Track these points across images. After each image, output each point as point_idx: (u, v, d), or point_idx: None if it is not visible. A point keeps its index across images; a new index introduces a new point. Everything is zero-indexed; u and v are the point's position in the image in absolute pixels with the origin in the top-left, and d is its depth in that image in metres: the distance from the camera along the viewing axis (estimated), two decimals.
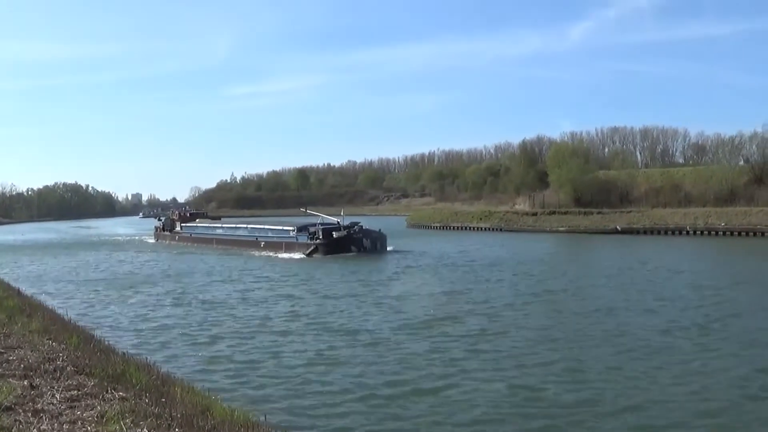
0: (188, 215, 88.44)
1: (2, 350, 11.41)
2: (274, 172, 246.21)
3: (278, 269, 44.90)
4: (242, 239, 66.81)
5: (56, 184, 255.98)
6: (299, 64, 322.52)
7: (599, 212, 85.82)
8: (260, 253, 59.20)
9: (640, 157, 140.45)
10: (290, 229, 60.77)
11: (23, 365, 10.19)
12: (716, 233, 69.58)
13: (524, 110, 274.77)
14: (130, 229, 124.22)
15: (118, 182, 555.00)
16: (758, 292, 31.09)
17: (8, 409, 7.79)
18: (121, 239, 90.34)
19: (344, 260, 49.81)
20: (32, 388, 8.87)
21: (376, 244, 56.27)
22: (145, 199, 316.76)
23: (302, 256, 54.62)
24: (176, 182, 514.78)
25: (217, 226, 78.35)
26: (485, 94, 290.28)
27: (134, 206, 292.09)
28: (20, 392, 8.53)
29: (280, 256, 56.10)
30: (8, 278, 36.29)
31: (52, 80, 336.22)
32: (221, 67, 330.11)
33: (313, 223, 59.92)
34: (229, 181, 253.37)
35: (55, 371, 10.02)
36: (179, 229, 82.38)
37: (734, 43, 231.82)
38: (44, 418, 7.53)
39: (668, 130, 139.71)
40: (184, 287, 35.79)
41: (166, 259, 56.46)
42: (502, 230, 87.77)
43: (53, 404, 8.17)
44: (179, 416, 8.39)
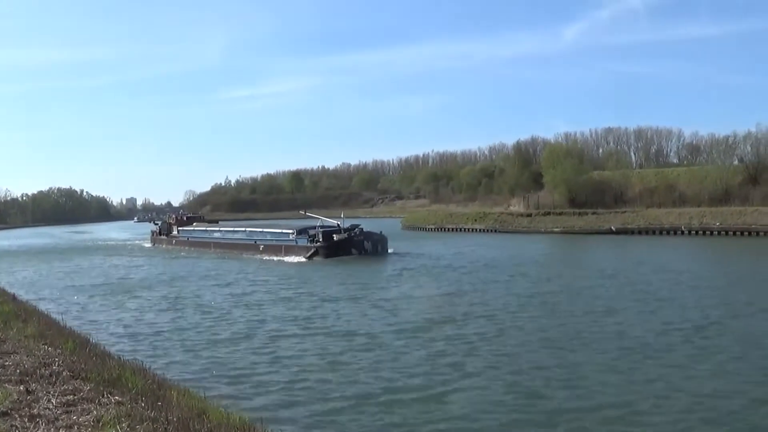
0: (185, 219, 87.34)
1: None
2: (268, 175, 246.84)
3: (278, 273, 44.63)
4: (240, 243, 66.31)
5: (51, 189, 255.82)
6: (293, 66, 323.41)
7: (594, 213, 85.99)
8: (259, 256, 58.84)
9: (634, 157, 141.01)
10: (290, 232, 60.34)
11: (19, 370, 10.19)
12: (711, 233, 69.79)
13: (518, 111, 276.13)
14: (125, 233, 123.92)
15: (112, 187, 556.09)
16: (756, 291, 31.09)
17: (4, 414, 7.80)
18: (117, 244, 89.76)
19: (346, 263, 49.50)
20: (28, 393, 8.88)
21: (377, 246, 55.92)
22: (139, 203, 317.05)
23: (302, 259, 54.18)
24: (171, 186, 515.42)
25: (214, 229, 77.63)
26: (479, 95, 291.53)
27: (129, 210, 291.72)
28: (16, 397, 8.54)
29: (279, 259, 55.73)
30: (3, 283, 36.12)
31: (46, 84, 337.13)
32: (215, 70, 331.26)
33: (312, 225, 59.55)
34: (223, 184, 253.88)
35: (50, 376, 10.02)
36: (176, 233, 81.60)
37: (728, 43, 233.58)
38: (40, 423, 7.54)
39: (662, 130, 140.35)
40: (181, 292, 35.68)
41: (162, 263, 56.17)
42: (496, 232, 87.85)
43: (49, 409, 8.17)
44: (175, 420, 8.39)
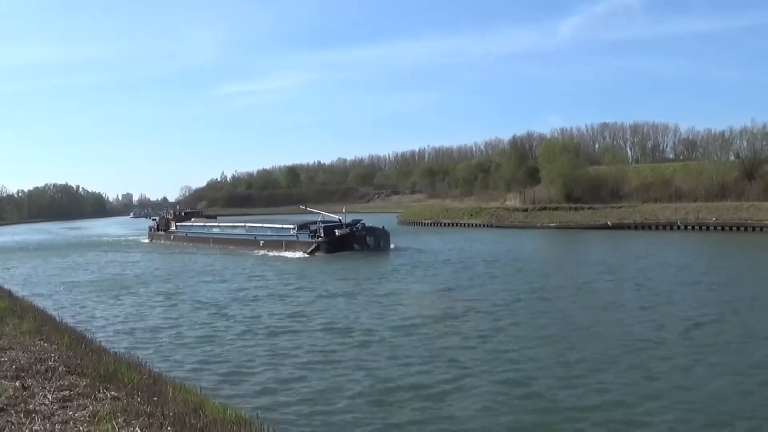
0: (183, 214, 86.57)
1: None
2: (264, 170, 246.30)
3: (280, 268, 44.38)
4: (240, 238, 65.93)
5: (47, 185, 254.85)
6: (289, 62, 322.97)
7: (590, 208, 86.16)
8: (260, 252, 58.44)
9: (630, 152, 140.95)
10: (290, 227, 59.83)
11: (15, 366, 10.17)
12: (707, 228, 69.84)
13: (514, 107, 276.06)
14: (121, 229, 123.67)
15: (108, 183, 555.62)
16: (756, 287, 31.00)
17: (0, 410, 7.78)
18: (114, 240, 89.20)
19: (349, 258, 49.07)
20: (24, 388, 8.86)
21: (379, 241, 55.46)
22: (135, 199, 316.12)
23: (304, 254, 53.79)
24: (166, 182, 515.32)
25: (213, 225, 76.98)
26: (475, 90, 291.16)
27: (125, 206, 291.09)
28: (12, 393, 8.52)
29: (280, 255, 55.29)
30: None
31: (41, 82, 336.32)
32: (212, 66, 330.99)
33: (313, 221, 59.15)
34: (219, 180, 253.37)
35: (46, 372, 10.00)
36: (174, 228, 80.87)
37: (724, 38, 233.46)
38: (36, 418, 7.53)
39: (658, 125, 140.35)
40: (178, 288, 35.60)
41: (160, 259, 56.03)
42: (492, 226, 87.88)
43: (45, 405, 8.16)
44: (171, 415, 8.38)
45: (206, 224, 78.46)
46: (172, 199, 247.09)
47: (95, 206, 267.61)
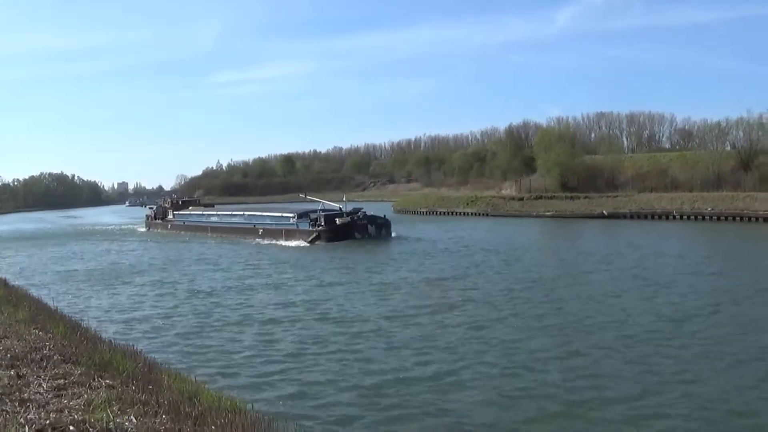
0: (180, 203, 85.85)
1: None
2: (260, 158, 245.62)
3: (280, 257, 44.17)
4: (239, 227, 65.55)
5: (42, 174, 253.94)
6: (286, 51, 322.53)
7: (586, 197, 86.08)
8: (259, 241, 58.19)
9: (626, 142, 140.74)
10: (290, 215, 59.54)
11: (10, 355, 10.18)
12: (702, 218, 69.84)
13: (510, 96, 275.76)
14: (117, 217, 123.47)
15: (103, 171, 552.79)
16: (755, 276, 31.09)
17: None
18: (110, 228, 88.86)
19: (350, 247, 48.81)
20: (19, 377, 8.87)
21: (381, 230, 55.31)
22: (131, 187, 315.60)
23: (304, 243, 53.48)
24: (162, 170, 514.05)
25: (211, 213, 76.30)
26: (472, 79, 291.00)
27: (120, 195, 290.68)
28: (7, 382, 8.53)
29: (280, 243, 55.01)
30: None
31: (37, 71, 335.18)
32: (207, 54, 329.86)
33: (313, 209, 58.72)
34: (215, 168, 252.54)
35: (41, 360, 10.02)
36: (171, 217, 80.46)
37: (721, 29, 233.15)
38: (31, 407, 7.53)
39: (655, 115, 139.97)
40: (175, 277, 35.54)
41: (157, 248, 55.87)
42: (488, 215, 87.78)
43: (40, 393, 8.17)
44: (166, 403, 8.41)
45: (204, 213, 77.79)
46: (167, 187, 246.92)
47: (91, 195, 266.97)
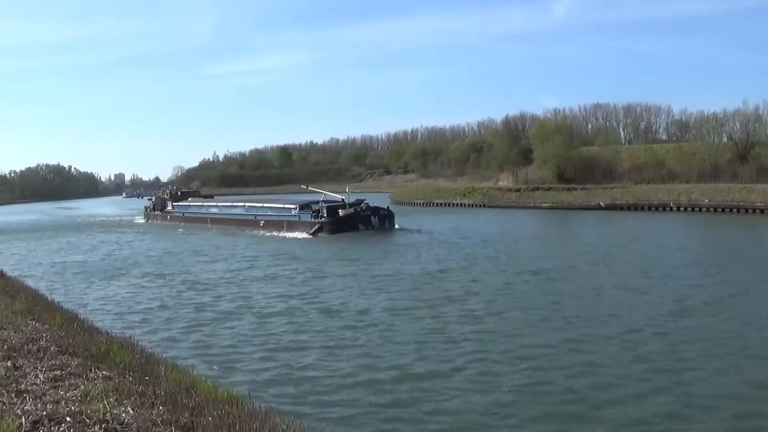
0: (180, 194, 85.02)
1: None
2: (256, 150, 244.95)
3: (281, 249, 43.93)
4: (239, 218, 65.09)
5: (39, 165, 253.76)
6: (281, 42, 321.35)
7: (583, 188, 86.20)
8: (260, 232, 57.87)
9: (623, 133, 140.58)
10: (292, 207, 59.08)
11: (6, 346, 10.17)
12: (699, 209, 69.91)
13: (507, 87, 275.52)
14: (114, 209, 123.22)
15: (100, 163, 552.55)
16: (754, 268, 31.12)
17: None
18: (108, 220, 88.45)
19: (353, 239, 48.52)
20: (15, 368, 8.87)
21: (384, 222, 54.96)
22: (127, 179, 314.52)
23: (306, 235, 53.18)
24: (159, 162, 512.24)
25: (211, 204, 75.64)
26: (469, 71, 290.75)
27: (117, 186, 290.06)
28: (3, 373, 8.53)
29: (281, 235, 54.61)
30: None
31: (33, 62, 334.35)
32: (203, 46, 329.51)
33: (315, 200, 58.36)
34: (211, 159, 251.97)
35: (38, 351, 10.01)
36: (171, 208, 79.70)
37: (718, 20, 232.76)
38: (27, 398, 7.52)
39: (651, 106, 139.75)
40: (174, 269, 35.47)
41: (156, 240, 55.63)
42: (485, 206, 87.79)
43: (36, 384, 8.17)
44: (163, 394, 8.41)
45: (204, 204, 77.06)
46: (164, 179, 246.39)
47: (87, 186, 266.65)
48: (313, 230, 53.65)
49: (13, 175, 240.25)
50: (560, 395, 13.94)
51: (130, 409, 7.34)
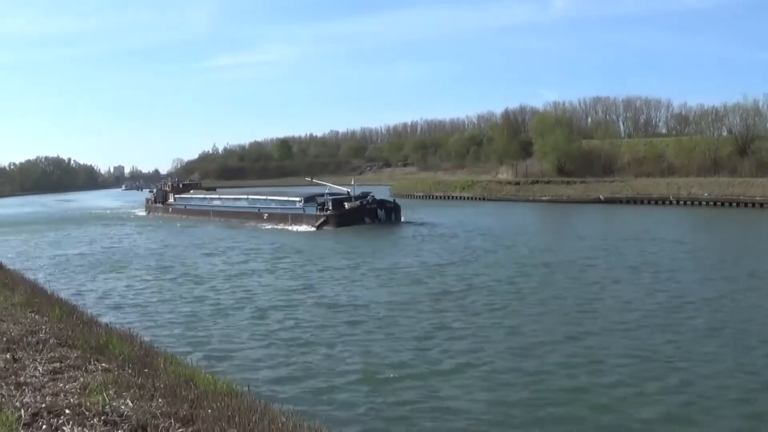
0: (181, 186, 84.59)
1: None
2: (256, 142, 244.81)
3: (286, 242, 43.75)
4: (243, 211, 64.64)
5: (38, 158, 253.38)
6: (281, 35, 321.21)
7: (582, 182, 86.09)
8: (264, 225, 57.58)
9: (623, 127, 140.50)
10: (296, 200, 58.69)
11: (5, 338, 10.15)
12: (699, 203, 69.91)
13: (507, 80, 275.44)
14: (113, 201, 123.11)
15: (99, 155, 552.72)
16: (755, 262, 31.17)
17: None
18: (109, 212, 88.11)
19: (359, 232, 48.34)
20: (15, 360, 8.86)
21: (390, 215, 54.74)
22: (127, 171, 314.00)
23: (311, 228, 52.91)
24: (158, 154, 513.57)
25: (213, 197, 75.25)
26: (469, 64, 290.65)
27: (116, 179, 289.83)
28: (2, 365, 8.51)
29: (286, 228, 54.37)
30: None
31: (33, 54, 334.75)
32: (203, 38, 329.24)
33: (320, 193, 58.05)
34: (211, 152, 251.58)
35: (37, 344, 10.00)
36: (172, 200, 79.33)
37: (718, 14, 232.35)
38: (27, 390, 7.51)
39: (651, 100, 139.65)
40: (175, 262, 35.50)
41: (157, 232, 55.60)
42: (484, 199, 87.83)
43: (36, 377, 8.15)
44: (162, 386, 8.41)
45: (206, 196, 76.55)
46: (164, 171, 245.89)
47: (87, 179, 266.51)
48: (318, 223, 53.29)
49: (12, 167, 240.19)
50: (564, 394, 13.97)
51: (129, 401, 7.34)
